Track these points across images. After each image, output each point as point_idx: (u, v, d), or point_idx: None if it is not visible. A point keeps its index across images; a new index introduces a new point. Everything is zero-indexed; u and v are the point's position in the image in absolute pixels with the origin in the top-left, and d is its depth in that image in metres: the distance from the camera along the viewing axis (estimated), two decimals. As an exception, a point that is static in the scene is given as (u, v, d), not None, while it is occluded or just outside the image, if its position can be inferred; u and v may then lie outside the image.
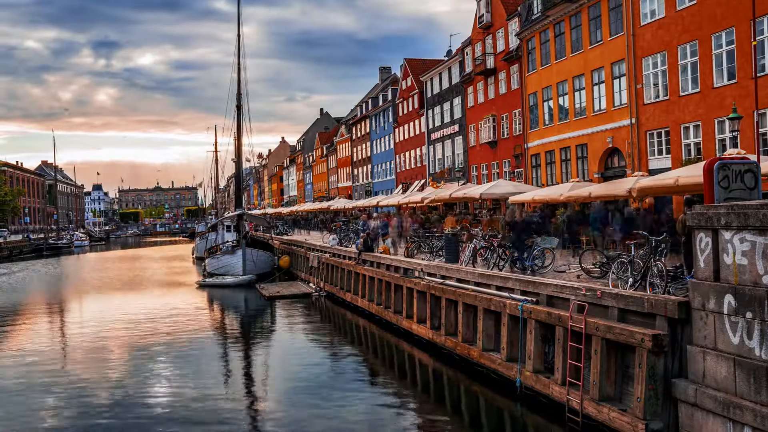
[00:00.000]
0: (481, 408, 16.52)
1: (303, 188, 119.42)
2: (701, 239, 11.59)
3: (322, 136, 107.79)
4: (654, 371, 11.99)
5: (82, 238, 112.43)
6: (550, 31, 38.32)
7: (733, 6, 25.22)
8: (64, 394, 18.08)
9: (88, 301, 40.55)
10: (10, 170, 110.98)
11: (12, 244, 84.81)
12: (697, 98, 27.28)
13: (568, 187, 28.84)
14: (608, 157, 33.92)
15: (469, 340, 19.46)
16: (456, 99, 53.69)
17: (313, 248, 41.64)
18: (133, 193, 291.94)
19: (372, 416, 15.76)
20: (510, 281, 18.05)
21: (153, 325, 28.97)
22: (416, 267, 24.81)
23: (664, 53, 29.13)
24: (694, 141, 27.63)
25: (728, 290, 10.83)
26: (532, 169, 41.33)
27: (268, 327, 30.05)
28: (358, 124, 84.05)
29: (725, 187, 11.97)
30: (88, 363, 21.91)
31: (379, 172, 75.93)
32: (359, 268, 30.50)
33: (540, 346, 15.88)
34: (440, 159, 57.52)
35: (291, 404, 16.77)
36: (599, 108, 34.03)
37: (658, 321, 12.33)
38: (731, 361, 10.63)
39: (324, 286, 36.53)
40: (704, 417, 11.08)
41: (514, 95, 43.45)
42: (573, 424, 13.72)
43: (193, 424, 15.35)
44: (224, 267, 44.87)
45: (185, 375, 20.00)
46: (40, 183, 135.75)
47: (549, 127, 39.09)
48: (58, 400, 17.50)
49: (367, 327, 27.01)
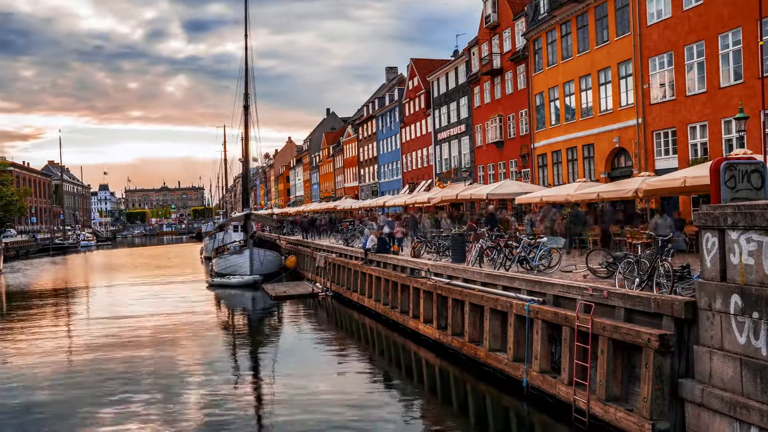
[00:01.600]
0: (488, 408, 16.55)
1: (310, 188, 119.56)
2: (708, 239, 11.60)
3: (329, 136, 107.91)
4: (660, 371, 12.00)
5: (88, 238, 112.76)
6: (557, 31, 38.32)
7: (740, 6, 25.21)
8: (71, 391, 18.18)
9: (96, 299, 40.70)
10: (17, 170, 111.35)
11: (18, 244, 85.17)
12: (703, 98, 27.26)
13: (575, 187, 28.86)
14: (615, 157, 33.92)
15: (476, 340, 19.47)
16: (462, 99, 53.73)
17: (320, 248, 41.71)
18: (139, 193, 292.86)
19: (379, 416, 15.80)
20: (517, 281, 18.06)
21: (161, 323, 29.05)
22: (423, 267, 24.83)
23: (670, 53, 29.12)
24: (701, 141, 27.62)
25: (735, 290, 10.84)
26: (538, 169, 41.34)
27: (274, 326, 30.10)
28: (365, 124, 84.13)
29: (732, 187, 11.97)
30: (94, 362, 21.96)
31: (385, 172, 76.00)
32: (366, 268, 30.53)
33: (546, 346, 15.89)
34: (447, 159, 57.56)
35: (297, 403, 16.81)
36: (606, 108, 34.03)
37: (665, 321, 12.33)
38: (738, 361, 10.64)
39: (330, 286, 36.57)
40: (711, 417, 11.09)
41: (520, 95, 43.47)
42: (579, 424, 13.73)
43: (199, 421, 15.41)
44: (232, 267, 44.96)
45: (192, 372, 20.07)
46: (46, 183, 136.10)
47: (555, 127, 39.10)
48: (66, 397, 17.59)
49: (374, 327, 27.03)
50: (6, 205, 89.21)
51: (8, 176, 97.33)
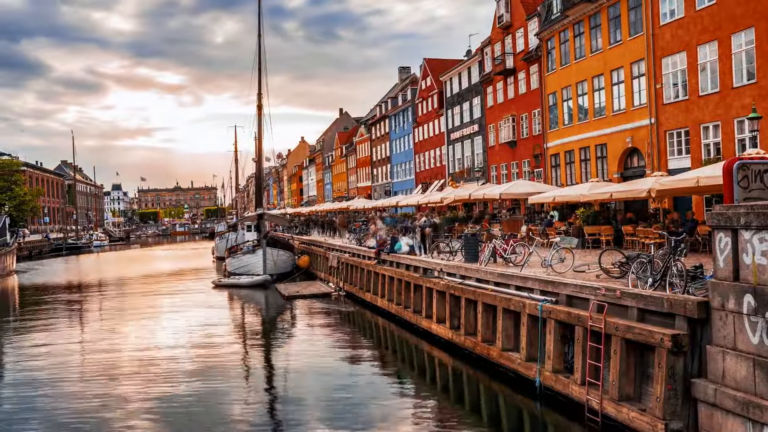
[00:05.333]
0: (501, 408, 16.60)
1: (322, 188, 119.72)
2: (720, 239, 11.62)
3: (342, 135, 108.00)
4: (673, 371, 12.03)
5: (101, 238, 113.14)
6: (570, 31, 38.29)
7: (753, 6, 25.15)
8: (83, 389, 18.36)
9: (108, 299, 40.87)
10: (30, 170, 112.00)
11: (32, 244, 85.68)
12: (716, 98, 27.20)
13: (588, 187, 28.87)
14: (627, 157, 33.87)
15: (489, 339, 19.53)
16: (475, 99, 53.73)
17: (333, 248, 41.82)
18: (152, 193, 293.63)
19: (392, 415, 15.87)
20: (529, 281, 18.09)
21: (174, 323, 29.25)
22: (435, 267, 24.88)
23: (683, 53, 29.07)
24: (714, 141, 27.56)
25: (748, 290, 10.87)
26: (551, 169, 41.32)
27: (287, 326, 30.23)
28: (378, 123, 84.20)
29: (745, 187, 11.98)
30: (105, 362, 22.16)
31: (398, 172, 76.05)
32: (378, 268, 30.62)
33: (559, 346, 15.92)
34: (459, 159, 57.57)
35: (310, 401, 16.92)
36: (619, 108, 33.98)
37: (678, 321, 12.35)
38: (751, 361, 10.67)
39: (343, 286, 36.68)
40: (724, 417, 11.12)
41: (533, 95, 43.44)
42: (592, 423, 13.77)
43: (212, 418, 15.52)
44: (245, 266, 45.06)
45: (205, 370, 20.17)
46: (59, 183, 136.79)
47: (568, 127, 39.06)
48: (78, 394, 17.76)
49: (387, 327, 27.12)
50: (19, 205, 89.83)
51: (21, 176, 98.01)
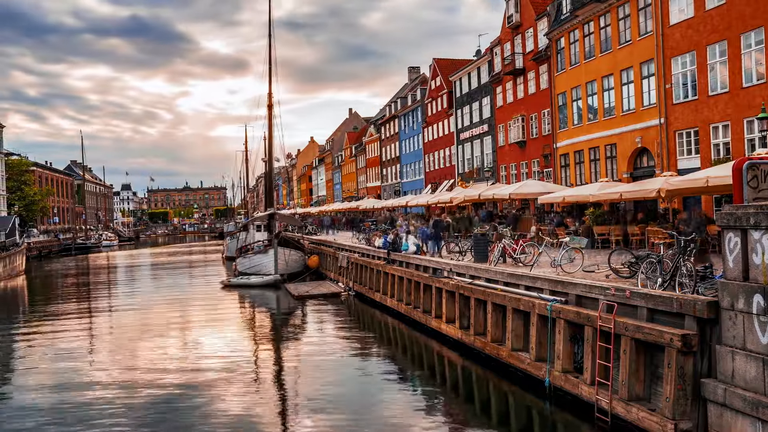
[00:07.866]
0: (510, 407, 16.63)
1: (332, 188, 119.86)
2: (730, 239, 11.64)
3: (351, 135, 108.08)
4: (683, 371, 12.05)
5: (110, 237, 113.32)
6: (579, 31, 38.26)
7: (763, 5, 25.09)
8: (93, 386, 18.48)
9: (116, 299, 41.05)
10: (39, 170, 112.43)
11: (41, 244, 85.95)
12: (726, 98, 27.15)
13: (597, 187, 28.86)
14: (637, 156, 33.83)
15: (498, 339, 19.56)
16: (485, 99, 53.73)
17: (342, 248, 41.90)
18: (161, 193, 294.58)
19: (401, 414, 15.92)
20: (539, 281, 18.12)
21: (184, 323, 29.41)
22: (445, 267, 24.92)
23: (693, 53, 29.02)
24: (723, 141, 27.52)
25: (757, 290, 10.88)
26: (561, 169, 41.29)
27: (297, 325, 30.31)
28: (387, 123, 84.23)
29: (754, 186, 11.99)
30: (117, 362, 22.31)
31: (407, 172, 76.08)
32: (388, 268, 30.67)
33: (569, 346, 15.95)
34: (469, 159, 57.58)
35: (321, 401, 16.98)
36: (628, 108, 33.94)
37: (687, 321, 12.37)
38: (760, 361, 10.69)
39: (353, 286, 36.75)
40: (733, 417, 11.14)
41: (543, 95, 43.42)
42: (602, 423, 13.80)
43: (223, 418, 15.61)
44: (256, 266, 45.16)
45: (216, 369, 20.26)
46: (69, 183, 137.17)
47: (578, 127, 39.03)
48: (89, 395, 17.87)
49: (396, 326, 27.17)
50: (29, 205, 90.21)
51: (30, 176, 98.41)
